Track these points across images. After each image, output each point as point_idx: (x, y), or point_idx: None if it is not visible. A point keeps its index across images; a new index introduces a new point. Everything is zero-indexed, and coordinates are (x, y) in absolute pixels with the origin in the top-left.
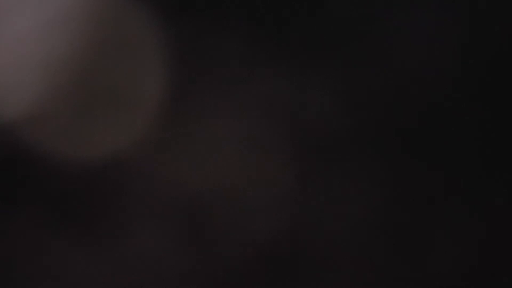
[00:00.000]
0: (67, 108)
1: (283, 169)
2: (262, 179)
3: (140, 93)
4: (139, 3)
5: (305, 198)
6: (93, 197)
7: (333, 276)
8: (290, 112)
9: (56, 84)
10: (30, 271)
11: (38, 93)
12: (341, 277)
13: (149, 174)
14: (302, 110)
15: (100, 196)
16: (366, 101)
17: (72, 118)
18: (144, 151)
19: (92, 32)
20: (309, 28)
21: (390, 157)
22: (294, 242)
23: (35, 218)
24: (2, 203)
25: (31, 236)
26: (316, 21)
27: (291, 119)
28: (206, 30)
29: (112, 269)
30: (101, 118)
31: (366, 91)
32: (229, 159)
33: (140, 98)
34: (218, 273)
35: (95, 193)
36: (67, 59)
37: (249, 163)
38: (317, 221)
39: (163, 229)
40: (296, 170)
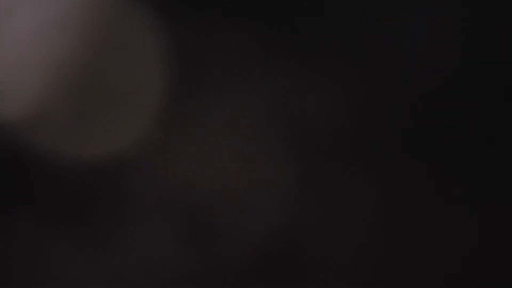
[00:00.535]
0: (67, 108)
1: (283, 169)
2: (262, 179)
3: (140, 93)
4: (139, 3)
5: (305, 198)
6: (93, 197)
7: (333, 276)
8: (290, 112)
9: (56, 84)
10: (30, 271)
11: (38, 93)
12: (341, 277)
13: (149, 174)
14: (302, 110)
15: (100, 196)
16: (366, 101)
17: (72, 118)
18: (144, 151)
19: (92, 32)
20: (309, 28)
21: (390, 157)
22: (294, 242)
23: (35, 218)
24: (2, 203)
25: (31, 236)
26: (316, 21)
27: (291, 119)
28: (206, 30)
29: (112, 269)
30: (101, 118)
31: (366, 91)
32: (229, 159)
33: (140, 98)
34: (218, 273)
35: (95, 193)
36: (67, 59)
37: (249, 163)
38: (317, 221)
39: (163, 229)
40: (296, 170)
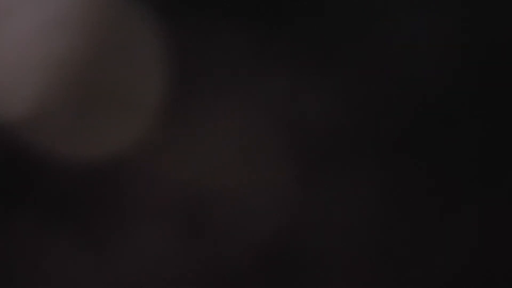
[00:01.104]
0: (67, 108)
1: (283, 169)
2: (262, 179)
3: (140, 93)
4: (139, 3)
5: (305, 198)
6: (93, 197)
7: (333, 276)
8: (290, 112)
9: (56, 84)
10: (30, 271)
11: (38, 93)
12: (341, 277)
13: (149, 174)
14: (302, 110)
15: (100, 196)
16: (366, 101)
17: (72, 118)
18: (144, 151)
19: (92, 32)
20: (309, 28)
21: (390, 157)
22: (294, 242)
23: (35, 218)
24: (2, 203)
25: (31, 236)
26: (316, 21)
27: (291, 119)
28: (206, 30)
29: (112, 269)
30: (101, 118)
31: (366, 91)
32: (229, 159)
33: (140, 98)
34: (218, 273)
35: (95, 193)
36: (67, 59)
37: (249, 163)
38: (317, 221)
39: (163, 229)
40: (296, 170)
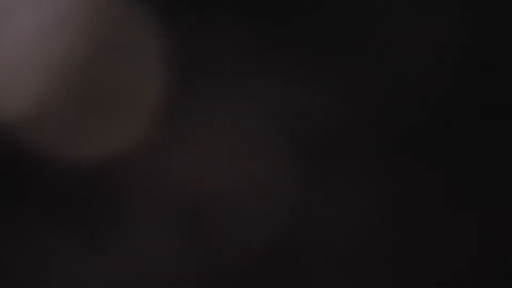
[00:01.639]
0: (67, 108)
1: (283, 169)
2: (262, 179)
3: (140, 93)
4: (139, 3)
5: (305, 198)
6: (93, 197)
7: (333, 276)
8: (290, 112)
9: (57, 84)
10: (31, 271)
11: (39, 93)
12: (341, 277)
13: (150, 174)
14: (302, 110)
15: (100, 196)
16: (366, 101)
17: (72, 118)
18: (144, 151)
19: (92, 32)
20: (309, 28)
21: (390, 157)
22: (294, 242)
23: (35, 218)
24: (2, 202)
25: (31, 235)
26: (316, 21)
27: (291, 119)
28: (206, 30)
29: (112, 269)
30: (101, 118)
31: (366, 91)
32: (229, 159)
33: (140, 98)
34: (219, 273)
35: (95, 193)
36: (67, 59)
37: (249, 163)
38: (317, 221)
39: (164, 229)
40: (296, 170)
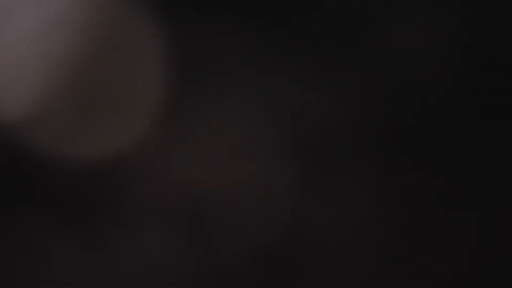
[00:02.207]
0: (68, 108)
1: (283, 169)
2: (262, 179)
3: (140, 93)
4: (139, 3)
5: (305, 198)
6: (93, 197)
7: (333, 276)
8: (290, 112)
9: (57, 84)
10: (30, 271)
11: (39, 93)
12: (341, 277)
13: (150, 174)
14: (302, 109)
15: (100, 196)
16: (366, 101)
17: (72, 118)
18: (144, 151)
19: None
20: (309, 28)
21: (390, 157)
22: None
23: (35, 218)
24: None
25: (31, 236)
26: (316, 21)
27: (291, 119)
28: (206, 30)
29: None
30: (101, 118)
31: (366, 91)
32: (229, 159)
33: (140, 98)
34: (219, 273)
35: (95, 193)
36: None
37: (249, 163)
38: (317, 221)
39: (164, 229)
40: (296, 170)
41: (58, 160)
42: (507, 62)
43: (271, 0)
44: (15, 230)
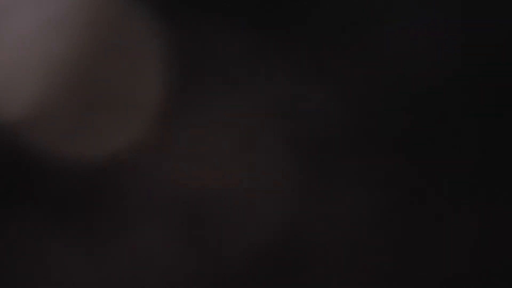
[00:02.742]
0: (68, 108)
1: (283, 169)
2: (262, 179)
3: (140, 93)
4: (139, 3)
5: (305, 198)
6: (93, 197)
7: (333, 276)
8: (290, 111)
9: (57, 85)
10: (30, 271)
11: (39, 93)
12: (341, 277)
13: (150, 174)
14: (302, 109)
15: (100, 196)
16: (366, 101)
17: (72, 118)
18: (144, 151)
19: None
20: (309, 28)
21: (389, 157)
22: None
23: (35, 218)
24: (2, 203)
25: (31, 236)
26: (316, 21)
27: (291, 118)
28: (206, 30)
29: (112, 269)
30: (101, 118)
31: (366, 91)
32: (229, 159)
33: (140, 98)
34: (219, 273)
35: (95, 193)
36: (67, 59)
37: (249, 163)
38: (317, 221)
39: (164, 229)
40: (296, 170)
41: (58, 160)
42: (507, 62)
43: (271, 0)
44: (15, 230)
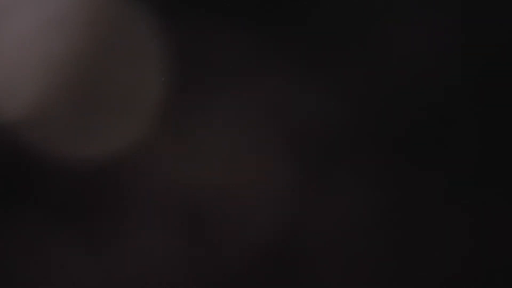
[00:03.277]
0: (68, 108)
1: (283, 169)
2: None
3: (140, 93)
4: (139, 3)
5: (305, 198)
6: (93, 197)
7: (333, 276)
8: (290, 112)
9: (57, 84)
10: (30, 271)
11: (39, 93)
12: (341, 277)
13: (150, 174)
14: (302, 110)
15: (101, 196)
16: (366, 101)
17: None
18: (144, 151)
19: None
20: (309, 28)
21: (389, 157)
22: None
23: (35, 218)
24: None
25: (31, 236)
26: (316, 21)
27: (291, 119)
28: (206, 30)
29: (112, 269)
30: (101, 118)
31: (366, 91)
32: (229, 159)
33: (140, 98)
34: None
35: (95, 193)
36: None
37: (249, 163)
38: (317, 221)
39: (164, 229)
40: (296, 170)
41: (58, 160)
42: (507, 62)
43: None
44: (15, 230)
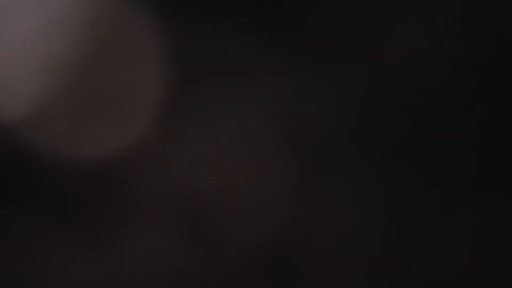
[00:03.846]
0: (68, 108)
1: (283, 169)
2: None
3: (140, 93)
4: (139, 3)
5: (305, 198)
6: (93, 197)
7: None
8: (290, 112)
9: (57, 85)
10: (30, 271)
11: (39, 93)
12: (341, 277)
13: (150, 174)
14: (302, 110)
15: (101, 196)
16: (366, 101)
17: (72, 118)
18: (145, 151)
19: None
20: (309, 28)
21: (389, 157)
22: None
23: (35, 218)
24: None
25: (31, 236)
26: (316, 21)
27: (291, 119)
28: (206, 30)
29: (112, 269)
30: (101, 118)
31: (366, 91)
32: (229, 159)
33: (141, 98)
34: (219, 273)
35: (95, 193)
36: (68, 59)
37: (249, 163)
38: (317, 221)
39: (164, 229)
40: (296, 170)
41: (58, 160)
42: (507, 62)
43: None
44: (15, 230)
